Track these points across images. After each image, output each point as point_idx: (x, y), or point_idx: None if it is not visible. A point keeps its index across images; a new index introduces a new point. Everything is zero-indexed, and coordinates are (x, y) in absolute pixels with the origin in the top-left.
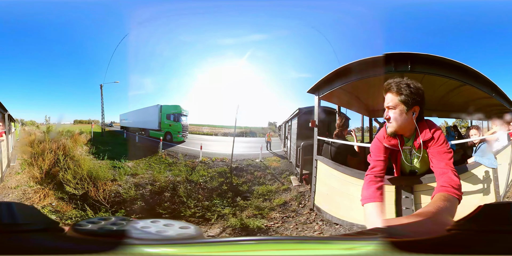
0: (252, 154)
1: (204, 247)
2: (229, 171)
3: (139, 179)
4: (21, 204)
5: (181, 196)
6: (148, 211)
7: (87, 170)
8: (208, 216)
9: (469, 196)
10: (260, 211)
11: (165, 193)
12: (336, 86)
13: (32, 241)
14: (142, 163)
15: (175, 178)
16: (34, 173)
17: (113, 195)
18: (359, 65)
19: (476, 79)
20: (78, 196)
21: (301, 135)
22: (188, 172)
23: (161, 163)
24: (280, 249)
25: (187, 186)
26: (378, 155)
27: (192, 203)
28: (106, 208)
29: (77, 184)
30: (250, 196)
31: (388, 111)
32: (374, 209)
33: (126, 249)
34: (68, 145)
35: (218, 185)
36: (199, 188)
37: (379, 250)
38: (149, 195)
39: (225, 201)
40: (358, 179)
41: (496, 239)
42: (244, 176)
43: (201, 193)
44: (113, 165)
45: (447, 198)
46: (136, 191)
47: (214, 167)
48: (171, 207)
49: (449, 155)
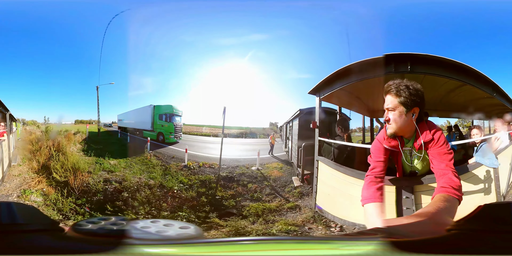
0: (249, 159)
1: (204, 247)
2: (215, 181)
3: (112, 175)
4: (21, 204)
5: (137, 199)
6: (100, 204)
7: (72, 163)
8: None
9: (470, 196)
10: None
11: (124, 193)
12: (336, 87)
13: (32, 241)
14: (124, 162)
15: (146, 181)
16: (32, 165)
17: (84, 185)
18: (359, 66)
19: (477, 79)
20: (61, 183)
21: (302, 135)
22: (166, 176)
23: (143, 164)
24: (280, 249)
25: (156, 191)
26: (378, 156)
27: (143, 210)
28: (75, 195)
29: (62, 173)
30: (237, 213)
31: (388, 113)
32: (374, 209)
33: (126, 249)
34: (62, 142)
35: (196, 196)
36: (170, 195)
37: (379, 250)
38: (110, 192)
39: (194, 215)
40: (358, 180)
41: (496, 239)
42: (233, 188)
43: (168, 202)
44: (96, 161)
45: (447, 199)
46: (104, 185)
47: (198, 174)
48: (120, 206)
49: (449, 156)
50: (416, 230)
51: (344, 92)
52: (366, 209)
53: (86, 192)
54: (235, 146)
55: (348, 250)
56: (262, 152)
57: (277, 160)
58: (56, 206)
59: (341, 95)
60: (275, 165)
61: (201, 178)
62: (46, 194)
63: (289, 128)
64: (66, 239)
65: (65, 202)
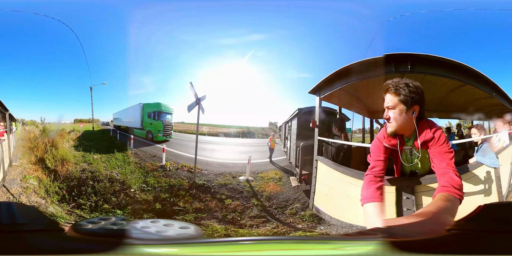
0: (240, 165)
1: (204, 247)
2: (187, 188)
3: (90, 167)
4: (21, 204)
5: (95, 188)
6: (72, 188)
7: (61, 155)
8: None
9: (471, 197)
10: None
11: (90, 181)
12: (337, 87)
13: (32, 241)
14: (106, 157)
15: (114, 175)
16: (31, 159)
17: (68, 173)
18: (359, 66)
19: (477, 78)
20: (52, 170)
21: (301, 135)
22: (133, 174)
23: (120, 161)
24: (280, 249)
25: (116, 185)
26: (378, 155)
27: (94, 198)
28: (60, 179)
29: (53, 162)
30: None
31: (388, 111)
32: (374, 209)
33: (126, 249)
34: (56, 140)
35: (151, 200)
36: (125, 193)
37: (379, 250)
38: (83, 179)
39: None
40: (358, 180)
41: (496, 239)
42: (204, 200)
43: (119, 198)
44: (83, 155)
45: (448, 198)
46: (80, 174)
47: (171, 177)
48: (81, 191)
49: (450, 155)
50: (416, 230)
51: (344, 92)
52: (366, 209)
53: (67, 178)
54: (228, 147)
55: (348, 250)
56: (257, 155)
57: (276, 168)
58: (45, 188)
59: (341, 95)
60: (272, 175)
61: (172, 182)
62: (40, 179)
63: (288, 127)
64: (66, 239)
65: (52, 185)
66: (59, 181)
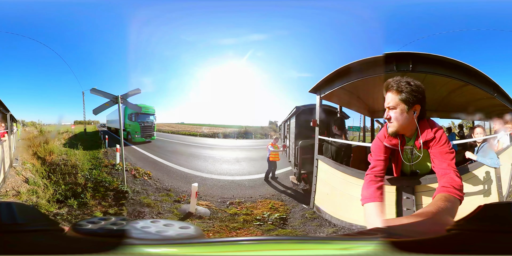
0: (211, 181)
1: (204, 247)
2: (110, 188)
3: (67, 158)
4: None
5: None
6: (51, 170)
7: (50, 149)
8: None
9: (471, 197)
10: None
11: (61, 167)
12: (337, 86)
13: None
14: (83, 152)
15: (76, 163)
16: (29, 152)
17: (52, 160)
18: (360, 65)
19: (478, 78)
20: (42, 159)
21: (299, 134)
22: (88, 165)
23: (92, 156)
24: (280, 249)
25: (73, 171)
26: (378, 155)
27: (55, 177)
28: (47, 165)
29: (44, 154)
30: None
31: (389, 111)
32: (374, 209)
33: (126, 249)
34: (49, 138)
35: (82, 183)
36: (74, 176)
37: (379, 250)
38: (59, 165)
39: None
40: (358, 179)
41: (496, 239)
42: (101, 204)
43: (70, 177)
44: (67, 151)
45: (448, 199)
46: (59, 161)
47: (112, 175)
48: (54, 169)
49: (451, 156)
50: (416, 230)
51: (345, 91)
52: (366, 208)
53: (51, 163)
54: (217, 153)
55: (348, 250)
56: (248, 166)
57: (273, 193)
58: (36, 169)
59: (341, 94)
60: (264, 209)
61: (106, 179)
62: (34, 164)
63: (286, 126)
64: (66, 239)
65: (40, 168)
66: (46, 165)
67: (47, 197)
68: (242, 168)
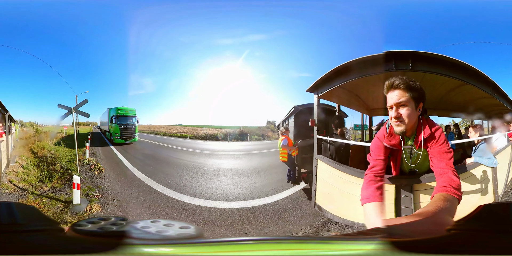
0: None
1: (204, 247)
2: (58, 176)
3: (54, 152)
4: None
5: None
6: (40, 161)
7: (41, 145)
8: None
9: (468, 195)
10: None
11: (48, 159)
12: (335, 85)
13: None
14: (69, 150)
15: (59, 157)
16: (25, 149)
17: (43, 154)
18: (358, 63)
19: (477, 78)
20: (35, 153)
21: (298, 133)
22: (66, 159)
23: (74, 154)
24: (280, 249)
25: (55, 162)
26: (378, 154)
27: (42, 165)
28: (38, 157)
29: (36, 149)
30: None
31: (399, 109)
32: (374, 209)
33: (126, 249)
34: (43, 137)
35: (53, 168)
36: (53, 164)
37: (379, 250)
38: (47, 158)
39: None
40: (358, 178)
41: (496, 239)
42: (40, 185)
43: (50, 166)
44: (55, 148)
45: (447, 198)
46: (47, 155)
47: (79, 169)
48: (41, 163)
49: (449, 155)
50: (416, 230)
51: (343, 90)
52: (366, 208)
53: (41, 156)
54: (186, 158)
55: (348, 250)
56: (210, 186)
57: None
58: (29, 160)
59: (340, 93)
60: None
61: (69, 168)
62: (28, 157)
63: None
64: (66, 239)
65: (33, 160)
66: (37, 158)
67: (35, 177)
68: (219, 186)
